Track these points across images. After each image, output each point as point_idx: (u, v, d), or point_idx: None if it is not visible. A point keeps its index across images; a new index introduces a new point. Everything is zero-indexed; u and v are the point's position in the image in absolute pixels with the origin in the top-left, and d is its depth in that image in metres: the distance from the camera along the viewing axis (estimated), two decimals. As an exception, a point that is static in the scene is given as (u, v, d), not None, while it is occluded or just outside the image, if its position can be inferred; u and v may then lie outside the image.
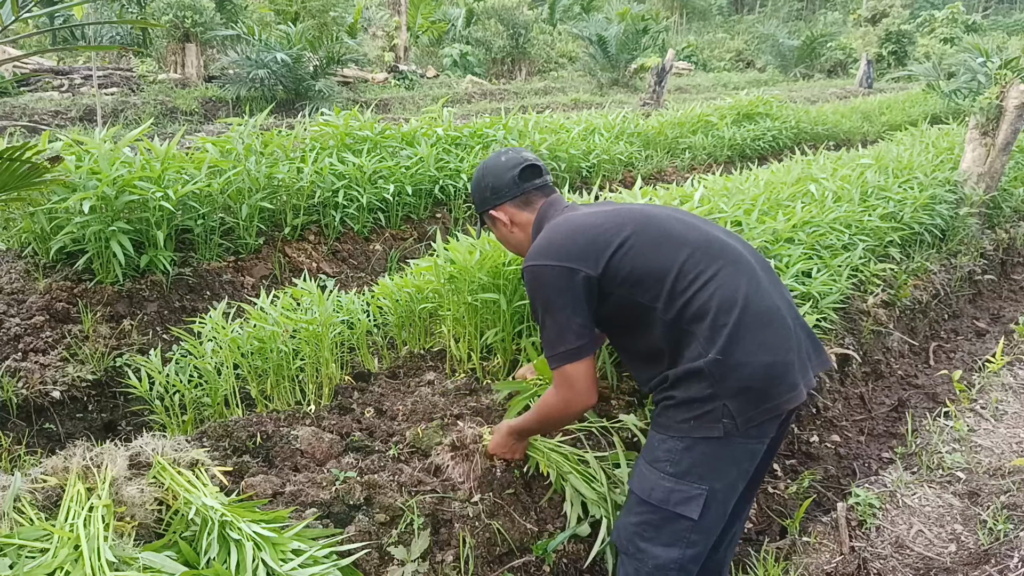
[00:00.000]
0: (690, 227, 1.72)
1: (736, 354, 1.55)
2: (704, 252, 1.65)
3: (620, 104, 12.25)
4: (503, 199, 1.95)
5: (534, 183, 1.96)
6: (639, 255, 1.65)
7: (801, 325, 1.71)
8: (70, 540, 1.48)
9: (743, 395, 1.56)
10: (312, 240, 4.52)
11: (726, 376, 1.56)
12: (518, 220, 1.95)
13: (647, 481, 1.67)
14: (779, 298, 1.67)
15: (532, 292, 1.74)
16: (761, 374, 1.56)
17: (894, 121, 10.28)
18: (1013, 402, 2.98)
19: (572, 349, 1.67)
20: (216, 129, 8.76)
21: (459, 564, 1.88)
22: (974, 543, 2.15)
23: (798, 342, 1.65)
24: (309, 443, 2.20)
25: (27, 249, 3.60)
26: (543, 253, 1.72)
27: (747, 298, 1.59)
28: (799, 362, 1.63)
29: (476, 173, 2.02)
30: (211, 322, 2.71)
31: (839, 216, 3.77)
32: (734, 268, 1.64)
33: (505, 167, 1.94)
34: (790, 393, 1.59)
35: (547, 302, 1.69)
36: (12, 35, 8.49)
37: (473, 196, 2.04)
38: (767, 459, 1.80)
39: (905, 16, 21.34)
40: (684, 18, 30.22)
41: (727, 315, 1.57)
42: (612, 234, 1.68)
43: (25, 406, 2.87)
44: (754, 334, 1.57)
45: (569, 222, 1.78)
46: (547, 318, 1.69)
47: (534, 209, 1.94)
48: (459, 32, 20.18)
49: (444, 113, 5.83)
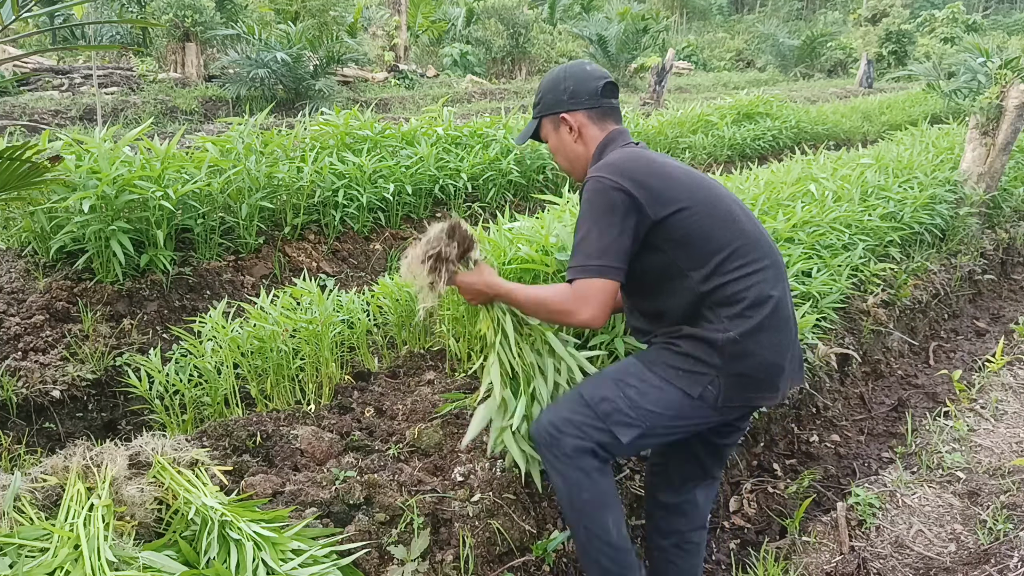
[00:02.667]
0: (749, 218, 1.78)
1: (751, 344, 1.64)
2: (755, 246, 1.71)
3: (620, 103, 12.23)
4: (581, 106, 1.88)
5: (612, 101, 1.91)
6: (698, 224, 1.68)
7: (797, 339, 1.80)
8: (70, 540, 1.48)
9: (739, 379, 1.66)
10: (312, 239, 4.52)
11: (735, 358, 1.64)
12: (587, 132, 1.89)
13: (602, 390, 1.71)
14: (791, 308, 1.77)
15: (589, 201, 1.68)
16: (762, 369, 1.67)
17: (894, 121, 10.27)
18: (1013, 402, 2.98)
19: (606, 266, 1.63)
20: (216, 128, 8.75)
21: (459, 564, 1.88)
22: (974, 543, 2.15)
23: (793, 353, 1.76)
24: (309, 443, 2.20)
25: (27, 248, 3.59)
26: (618, 171, 1.68)
27: (778, 301, 1.69)
28: (789, 370, 1.74)
29: (554, 74, 1.92)
30: (211, 321, 2.71)
31: (839, 216, 3.77)
32: (775, 271, 1.73)
33: (591, 76, 1.90)
34: (772, 394, 1.73)
35: (601, 215, 1.65)
36: (12, 34, 8.48)
37: (542, 96, 1.93)
38: (725, 437, 1.88)
39: (905, 16, 21.33)
40: (684, 18, 30.22)
41: (756, 310, 1.65)
42: (684, 193, 1.69)
43: (25, 405, 2.87)
44: (770, 334, 1.67)
45: (648, 160, 1.75)
46: (593, 230, 1.65)
47: (605, 128, 1.89)
48: (459, 32, 20.19)
49: (444, 112, 5.83)
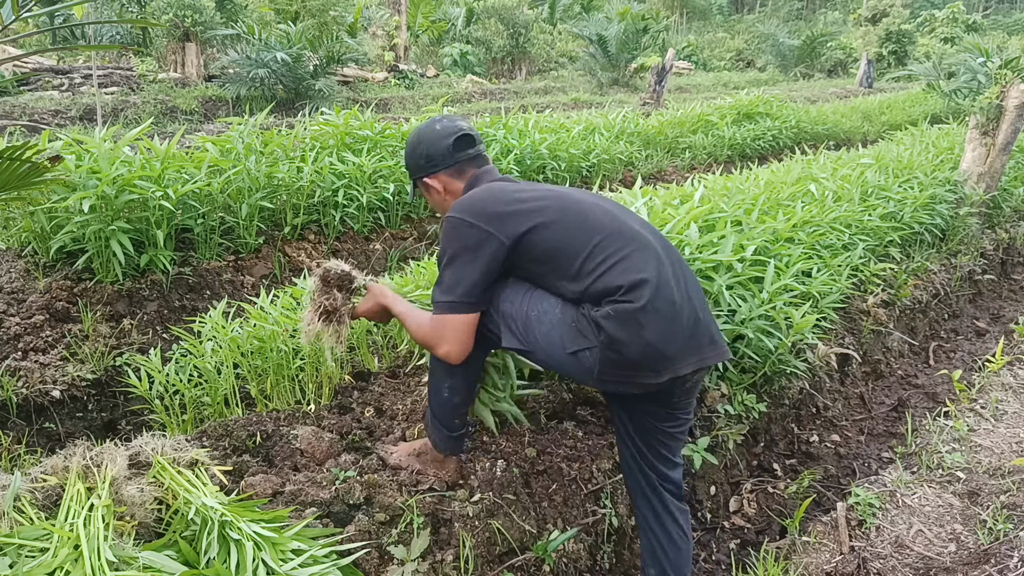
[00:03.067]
0: (608, 214, 1.79)
1: (632, 329, 1.64)
2: (617, 236, 1.73)
3: (620, 103, 12.24)
4: (437, 168, 1.95)
5: (468, 152, 1.96)
6: (553, 237, 1.73)
7: (697, 319, 1.75)
8: (70, 540, 1.48)
9: (616, 360, 1.67)
10: (312, 239, 4.52)
11: (613, 341, 1.64)
12: (451, 189, 1.97)
13: (514, 295, 1.79)
14: (680, 290, 1.73)
15: (444, 240, 1.79)
16: (641, 354, 1.65)
17: (894, 121, 10.27)
18: (1013, 402, 2.98)
19: (456, 302, 1.75)
20: (216, 128, 8.75)
21: (459, 564, 1.88)
22: (974, 543, 2.15)
23: (693, 333, 1.71)
24: (309, 442, 2.20)
25: (27, 248, 3.59)
26: (467, 208, 1.78)
27: (656, 283, 1.67)
28: (683, 352, 1.69)
29: (410, 139, 2.01)
30: (211, 321, 2.71)
31: (839, 216, 3.77)
32: (644, 254, 1.72)
33: (440, 135, 1.95)
34: (654, 378, 1.69)
35: (455, 253, 1.76)
36: (12, 34, 8.48)
37: (407, 162, 2.03)
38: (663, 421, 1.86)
39: (905, 16, 21.32)
40: (684, 17, 30.21)
41: (634, 294, 1.65)
42: (534, 213, 1.76)
43: (25, 405, 2.87)
44: (654, 319, 1.65)
45: (499, 190, 1.84)
46: (448, 268, 1.77)
47: (465, 178, 1.96)
48: (459, 31, 20.19)
49: (444, 112, 5.83)
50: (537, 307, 1.76)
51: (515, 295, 1.79)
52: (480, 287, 1.76)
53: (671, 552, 1.95)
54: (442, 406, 1.99)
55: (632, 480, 2.01)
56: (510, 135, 5.76)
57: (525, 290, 1.80)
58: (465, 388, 1.98)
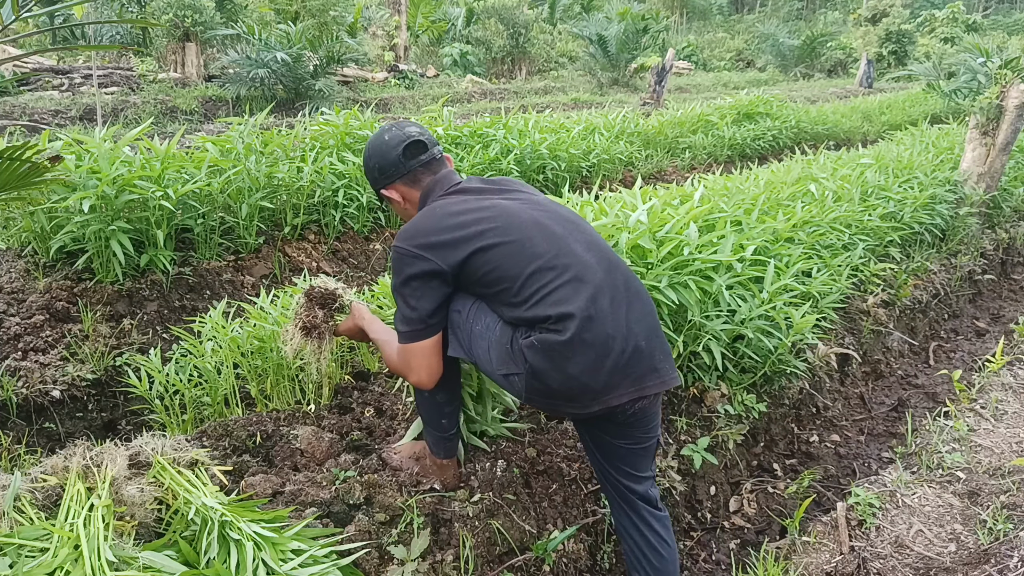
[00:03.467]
0: (551, 238, 1.75)
1: (549, 361, 1.64)
2: (551, 266, 1.69)
3: (620, 103, 12.24)
4: (392, 178, 1.93)
5: (420, 159, 1.93)
6: (492, 264, 1.71)
7: (637, 348, 1.69)
8: (70, 540, 1.48)
9: (541, 389, 1.69)
10: (312, 239, 4.52)
11: (533, 372, 1.66)
12: (409, 198, 1.95)
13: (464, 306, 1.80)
14: (618, 320, 1.68)
15: (393, 270, 1.80)
16: (566, 386, 1.65)
17: (894, 121, 10.27)
18: (1013, 402, 2.98)
19: (414, 331, 1.78)
20: (216, 128, 8.75)
21: (459, 564, 1.88)
22: (974, 543, 2.15)
23: (618, 367, 1.66)
24: (309, 442, 2.20)
25: (27, 248, 3.59)
26: (408, 238, 1.77)
27: (576, 317, 1.63)
28: (603, 388, 1.66)
29: (364, 152, 1.99)
30: (211, 321, 2.71)
31: (839, 216, 3.77)
32: (576, 285, 1.67)
33: (389, 145, 1.92)
34: (580, 408, 1.69)
35: (401, 283, 1.77)
36: (12, 34, 8.48)
37: (366, 175, 2.01)
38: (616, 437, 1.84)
39: (905, 16, 21.33)
40: (684, 17, 30.21)
41: (563, 325, 1.63)
42: (474, 238, 1.72)
43: (25, 405, 2.87)
44: (581, 352, 1.63)
45: (439, 212, 1.80)
46: (399, 297, 1.78)
47: (421, 186, 1.93)
48: (459, 31, 20.18)
49: (444, 112, 5.83)
50: (481, 321, 1.77)
51: (463, 305, 1.81)
52: (434, 312, 1.77)
53: (654, 559, 1.93)
54: (429, 410, 2.01)
55: (604, 489, 2.01)
56: (510, 135, 5.77)
57: (472, 302, 1.80)
58: (447, 391, 1.97)
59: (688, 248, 2.68)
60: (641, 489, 1.92)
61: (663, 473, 2.45)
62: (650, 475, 1.96)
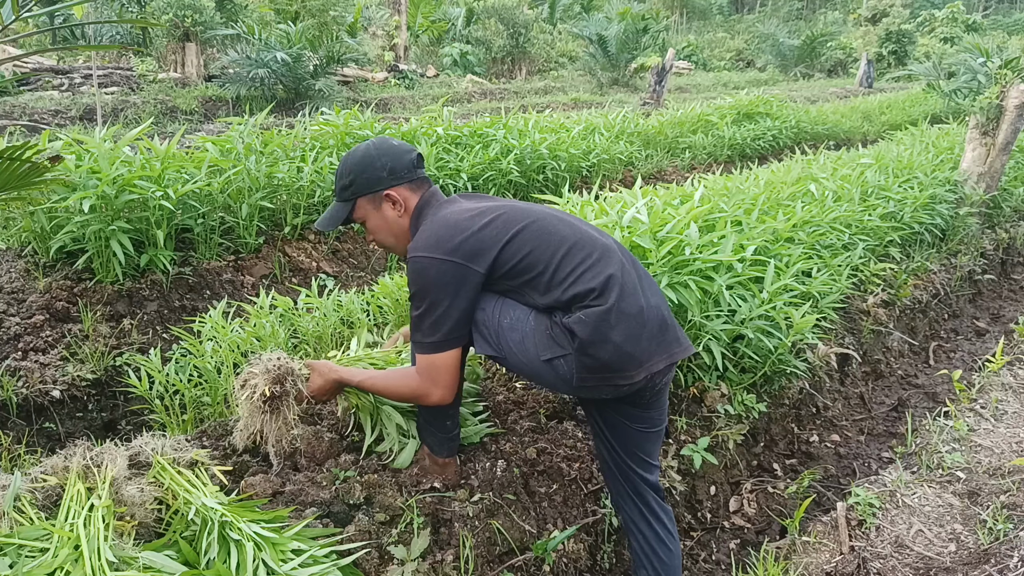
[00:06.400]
0: (566, 224, 1.82)
1: (604, 332, 1.67)
2: (581, 245, 1.76)
3: (620, 103, 12.24)
4: (400, 180, 1.91)
5: (421, 171, 1.96)
6: (521, 251, 1.74)
7: (663, 319, 1.79)
8: (70, 540, 1.48)
9: (588, 367, 1.70)
10: (312, 239, 4.52)
11: (583, 346, 1.68)
12: (408, 204, 1.92)
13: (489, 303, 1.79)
14: (642, 293, 1.76)
15: (417, 282, 1.76)
16: (615, 357, 1.69)
17: (894, 121, 10.27)
18: (1013, 402, 2.98)
19: (441, 341, 1.75)
20: (216, 128, 8.75)
21: (459, 564, 1.88)
22: (974, 543, 2.15)
23: (654, 335, 1.74)
24: (309, 442, 2.20)
25: (27, 248, 3.59)
26: (432, 246, 1.75)
27: (616, 288, 1.70)
28: (648, 353, 1.72)
29: (363, 153, 1.92)
30: (211, 321, 2.71)
31: (839, 216, 3.77)
32: (606, 258, 1.76)
33: (402, 150, 1.93)
34: (627, 380, 1.72)
35: (429, 293, 1.74)
36: (12, 34, 8.48)
37: (355, 177, 1.91)
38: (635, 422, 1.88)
39: (905, 16, 21.34)
40: (684, 17, 30.22)
41: (605, 296, 1.69)
42: (499, 232, 1.76)
43: (25, 405, 2.87)
44: (624, 320, 1.69)
45: (452, 219, 1.80)
46: (427, 309, 1.74)
47: (419, 195, 1.93)
48: (459, 31, 20.17)
49: (444, 112, 5.83)
50: (509, 315, 1.77)
51: (486, 303, 1.80)
52: (464, 321, 1.76)
53: (662, 552, 1.95)
54: (435, 415, 2.00)
55: (614, 483, 2.01)
56: (510, 135, 5.76)
57: (496, 298, 1.80)
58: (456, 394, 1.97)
59: (688, 248, 2.68)
60: (652, 479, 1.96)
61: (663, 473, 2.45)
62: (659, 464, 2.01)
